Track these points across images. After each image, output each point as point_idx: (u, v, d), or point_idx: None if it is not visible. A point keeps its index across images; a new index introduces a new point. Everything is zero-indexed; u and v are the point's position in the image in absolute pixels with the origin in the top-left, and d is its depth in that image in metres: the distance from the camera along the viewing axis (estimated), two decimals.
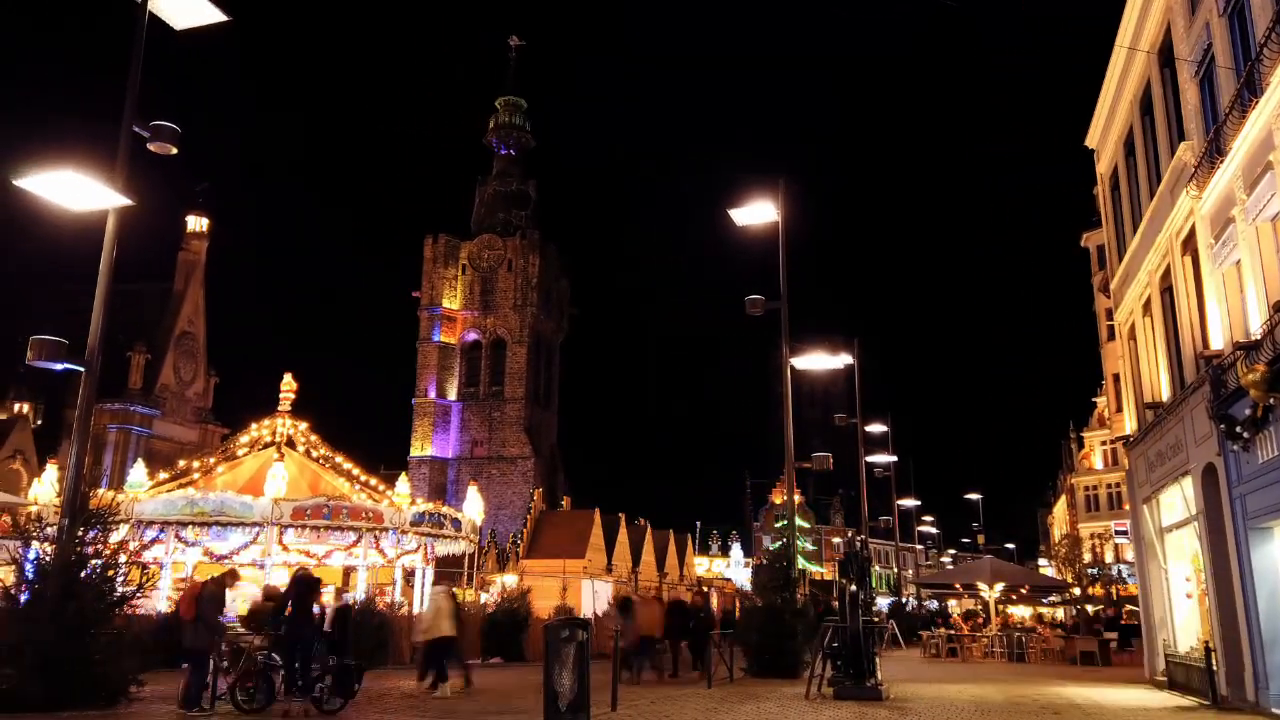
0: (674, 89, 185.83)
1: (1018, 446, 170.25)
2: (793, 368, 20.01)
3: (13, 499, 24.26)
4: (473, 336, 72.65)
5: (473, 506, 31.30)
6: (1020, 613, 42.16)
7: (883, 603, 51.65)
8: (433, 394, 70.83)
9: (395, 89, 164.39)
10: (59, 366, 12.84)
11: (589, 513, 49.63)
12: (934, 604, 42.56)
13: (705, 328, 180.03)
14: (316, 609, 12.61)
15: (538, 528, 49.08)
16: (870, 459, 34.01)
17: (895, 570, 57.81)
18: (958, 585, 36.72)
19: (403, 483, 29.20)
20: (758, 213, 19.03)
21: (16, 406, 56.85)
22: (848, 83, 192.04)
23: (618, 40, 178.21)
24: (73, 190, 12.12)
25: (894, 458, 36.56)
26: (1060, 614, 40.93)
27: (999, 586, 31.56)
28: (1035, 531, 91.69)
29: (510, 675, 19.47)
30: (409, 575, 29.82)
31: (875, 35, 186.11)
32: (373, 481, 29.80)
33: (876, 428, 34.43)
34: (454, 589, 20.29)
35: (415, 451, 69.60)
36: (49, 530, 12.29)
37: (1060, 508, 72.15)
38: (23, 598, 11.67)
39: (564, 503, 57.49)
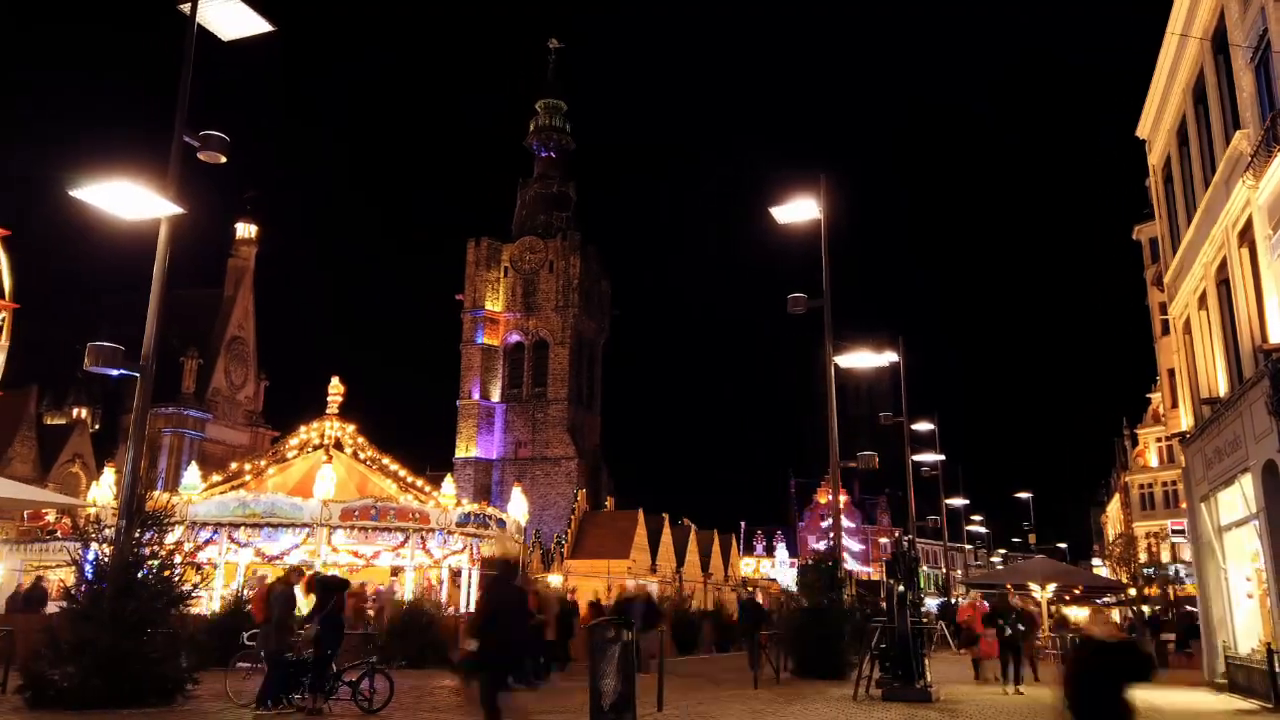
0: (713, 88, 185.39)
1: (1069, 444, 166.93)
2: (836, 366, 19.82)
3: (72, 501, 24.93)
4: (515, 338, 73.15)
5: (517, 507, 31.52)
6: (1074, 614, 41.29)
7: (931, 603, 50.99)
8: (477, 395, 71.44)
9: (436, 95, 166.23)
10: (115, 372, 13.15)
11: (633, 513, 49.76)
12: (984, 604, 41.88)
13: (747, 327, 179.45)
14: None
15: (582, 528, 49.30)
16: (917, 458, 33.52)
17: (944, 570, 57.01)
18: (1008, 586, 36.06)
19: (448, 484, 29.50)
20: (799, 210, 18.87)
21: (75, 411, 58.44)
22: (890, 76, 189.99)
23: (654, 39, 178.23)
24: (126, 200, 12.43)
25: (941, 456, 36.01)
26: (1115, 615, 40.05)
27: (1051, 587, 30.95)
28: (1088, 531, 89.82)
29: (556, 674, 19.53)
30: (455, 575, 30.10)
31: (918, 27, 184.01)
32: (419, 483, 30.15)
33: (923, 426, 33.95)
34: None
35: (460, 453, 70.25)
36: (107, 532, 12.58)
37: (1114, 507, 70.62)
38: (82, 598, 11.96)
39: (607, 503, 57.70)
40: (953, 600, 40.82)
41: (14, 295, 33.35)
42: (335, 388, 29.95)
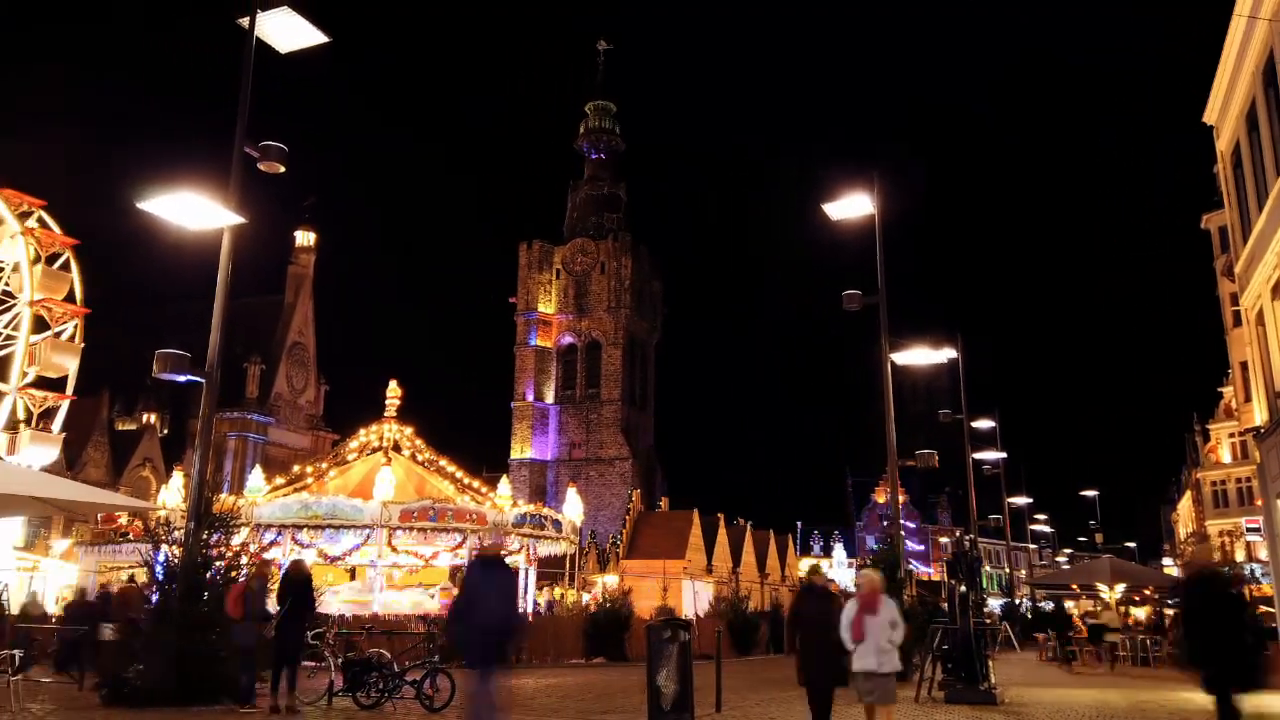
0: (763, 84, 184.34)
1: (1138, 441, 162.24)
2: (893, 363, 19.53)
3: (143, 505, 25.68)
4: (568, 340, 73.57)
5: (572, 508, 31.68)
6: (1144, 614, 40.17)
7: (994, 604, 50.03)
8: (530, 397, 72.01)
9: (486, 99, 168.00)
10: (182, 378, 13.53)
11: (688, 513, 49.64)
12: (1049, 605, 40.98)
13: (802, 324, 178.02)
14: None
15: (636, 528, 49.34)
16: (977, 456, 32.87)
17: (1007, 571, 55.89)
18: (1075, 586, 35.23)
19: (504, 485, 29.78)
20: (852, 206, 18.62)
21: (145, 417, 60.24)
22: (947, 65, 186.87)
23: (701, 38, 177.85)
24: (191, 211, 12.78)
25: (1003, 454, 35.27)
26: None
27: (1120, 587, 30.11)
28: (1158, 530, 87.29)
29: (614, 674, 19.59)
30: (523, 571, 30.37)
31: (977, 17, 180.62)
32: (475, 484, 30.49)
33: (984, 423, 33.29)
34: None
35: (515, 454, 70.88)
36: (176, 534, 12.93)
37: (1185, 504, 68.53)
38: (154, 598, 12.31)
39: (662, 503, 57.64)
40: (1017, 600, 40.00)
41: (84, 302, 34.56)
42: (393, 391, 30.43)
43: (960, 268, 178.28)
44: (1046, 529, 77.14)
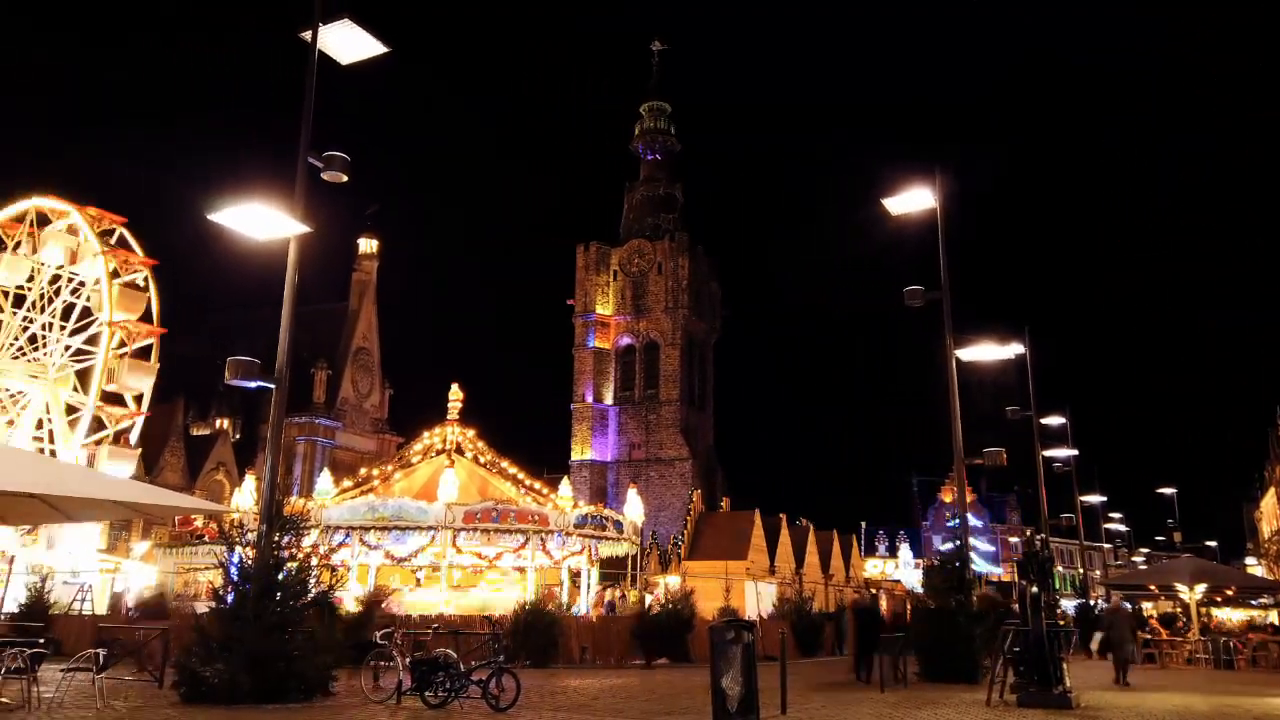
0: (818, 78, 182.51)
1: (1217, 436, 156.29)
2: (958, 360, 19.15)
3: (218, 508, 26.46)
4: (626, 341, 73.74)
5: (633, 508, 31.73)
6: (1226, 616, 38.75)
7: (1068, 605, 48.71)
8: (590, 398, 72.36)
9: (542, 103, 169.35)
10: (252, 384, 13.88)
11: (749, 514, 49.39)
12: (1126, 606, 39.79)
13: (864, 322, 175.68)
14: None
15: (698, 529, 49.23)
16: (1047, 453, 32.02)
17: (1081, 571, 54.41)
18: (1152, 587, 34.12)
19: (565, 486, 29.97)
20: (913, 200, 18.33)
21: (218, 422, 62.11)
22: (1011, 54, 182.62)
23: (756, 33, 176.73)
24: (258, 221, 13.12)
25: (1074, 451, 34.30)
26: (1275, 617, 37.33)
27: (1200, 588, 29.07)
28: (1240, 528, 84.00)
29: (676, 675, 19.55)
30: (575, 576, 30.53)
31: (1047, 7, 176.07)
32: (537, 485, 30.74)
33: (1054, 420, 32.42)
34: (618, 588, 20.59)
35: (575, 455, 71.28)
36: (249, 536, 13.26)
37: (1269, 501, 65.82)
38: (229, 598, 12.65)
39: (723, 504, 57.45)
40: (1091, 602, 38.87)
41: (161, 319, 35.74)
42: (455, 394, 30.87)
43: (1028, 261, 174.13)
44: (1122, 528, 74.81)
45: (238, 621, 12.13)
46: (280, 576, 12.60)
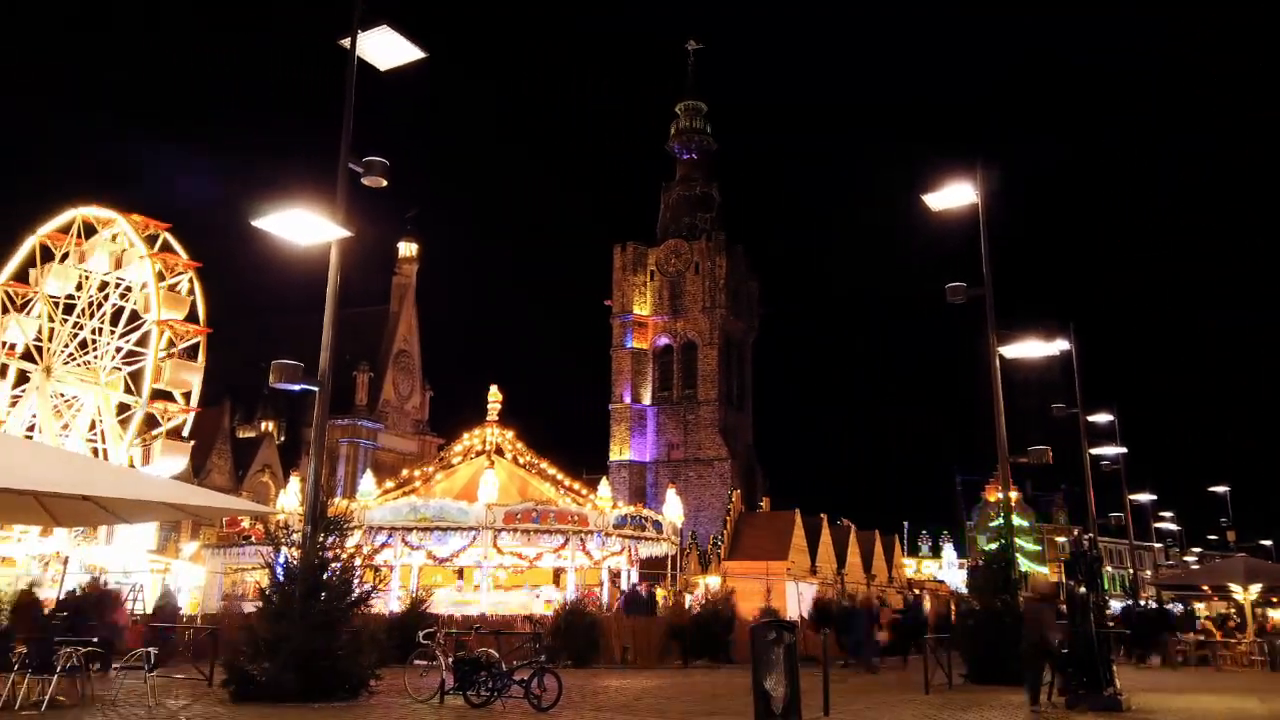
0: (855, 73, 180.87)
1: (1272, 433, 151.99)
2: (1001, 357, 18.86)
3: (264, 509, 26.92)
4: (664, 341, 73.72)
5: (672, 509, 31.71)
6: None
7: (1116, 606, 47.76)
8: (628, 399, 72.43)
9: (577, 103, 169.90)
10: (296, 387, 14.08)
11: (789, 513, 49.07)
12: (1178, 607, 38.91)
13: (905, 319, 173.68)
14: None
15: (738, 529, 49.02)
16: (1095, 451, 31.39)
17: (1130, 571, 53.33)
18: (1205, 587, 33.32)
19: (604, 486, 30.03)
20: (954, 195, 18.10)
21: (263, 425, 63.21)
22: (1054, 41, 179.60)
23: (791, 31, 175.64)
24: (300, 226, 13.32)
25: (1123, 449, 33.60)
26: None
27: (1255, 588, 28.30)
28: None
29: (718, 677, 19.49)
30: (615, 576, 30.58)
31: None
32: (576, 486, 30.85)
33: (1102, 417, 31.77)
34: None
35: (614, 455, 71.39)
36: (295, 537, 13.45)
37: None
38: (275, 598, 12.84)
39: (763, 504, 57.14)
40: (1141, 602, 38.08)
41: (205, 319, 36.47)
42: (494, 395, 31.09)
43: (1075, 255, 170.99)
44: (1173, 527, 73.19)
45: (284, 621, 12.31)
46: (325, 577, 12.77)
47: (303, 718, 11.04)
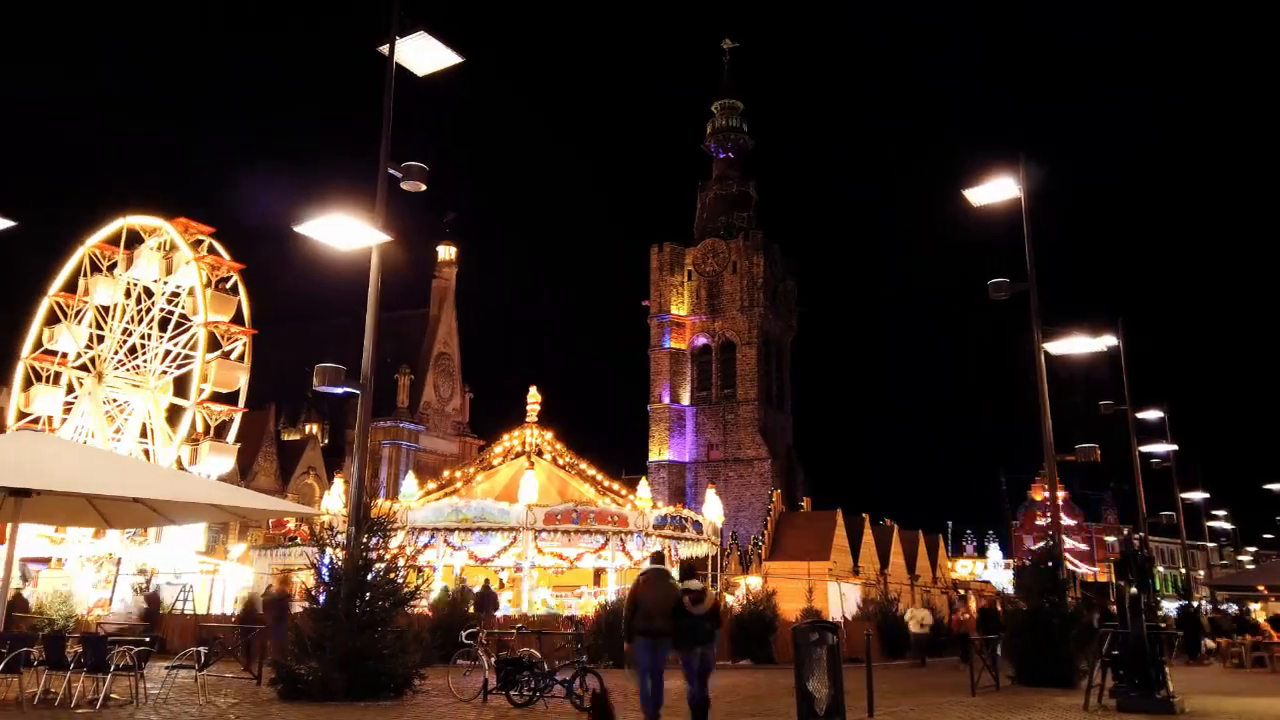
0: (892, 68, 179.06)
1: None
2: (1046, 353, 18.53)
3: (309, 510, 27.33)
4: (702, 341, 73.56)
5: (712, 509, 31.62)
6: None
7: (1170, 606, 46.75)
8: (666, 399, 72.39)
9: (612, 104, 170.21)
10: (339, 391, 14.24)
11: (831, 514, 48.73)
12: (1232, 608, 37.96)
13: (946, 316, 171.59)
14: None
15: (778, 529, 48.78)
16: (1145, 449, 30.71)
17: (1183, 571, 52.10)
18: (1261, 587, 32.48)
19: (644, 487, 30.06)
20: (996, 190, 17.83)
21: (307, 427, 64.14)
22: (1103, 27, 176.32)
23: (827, 26, 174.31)
24: (341, 232, 13.48)
25: (1174, 446, 32.83)
26: None
27: None
28: None
29: (761, 677, 19.39)
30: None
31: None
32: (615, 486, 30.90)
33: (1152, 414, 31.07)
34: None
35: (653, 456, 71.38)
36: (339, 538, 13.61)
37: None
38: (321, 598, 13.01)
39: (804, 504, 56.80)
40: (1195, 603, 37.20)
41: (250, 322, 37.16)
42: (533, 397, 31.25)
43: (1119, 248, 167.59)
44: (1226, 526, 71.45)
45: (330, 621, 12.45)
46: (369, 577, 12.89)
47: (349, 716, 11.16)
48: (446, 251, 72.92)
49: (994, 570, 69.13)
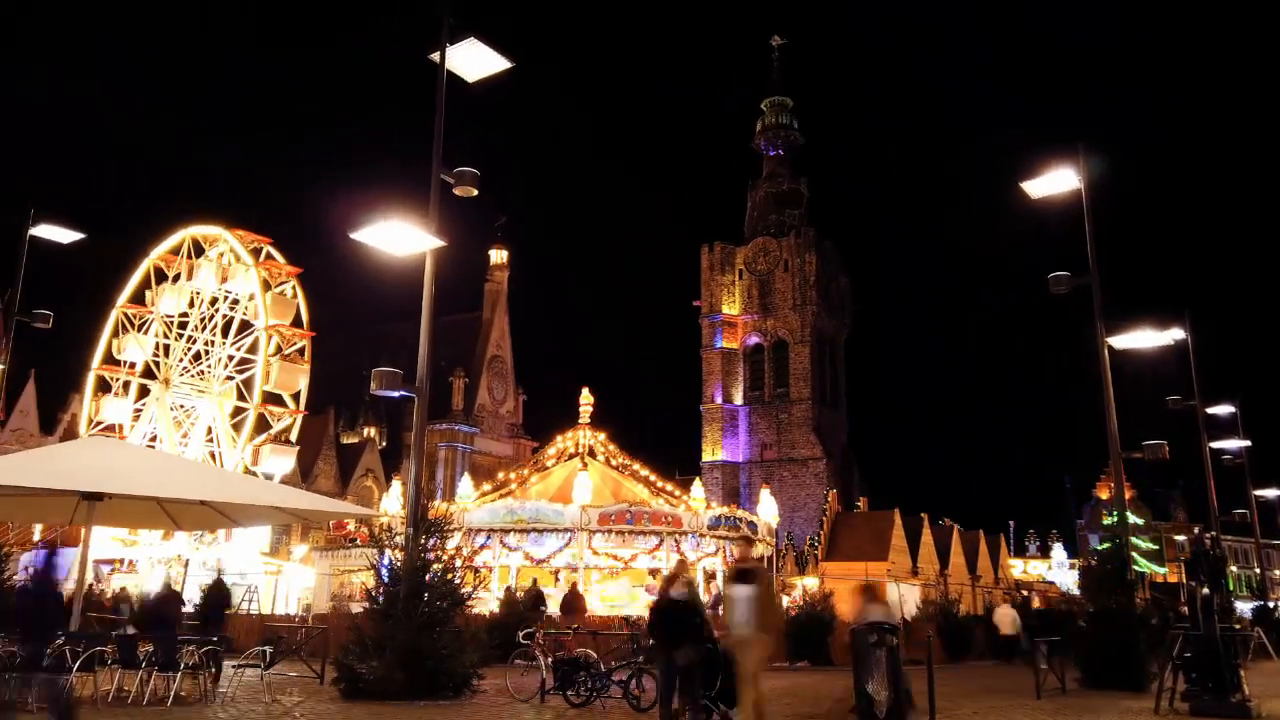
0: (943, 62, 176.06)
1: None
2: (1111, 348, 18.04)
3: (368, 512, 27.78)
4: (754, 340, 73.17)
5: (766, 509, 31.42)
6: None
7: (1244, 607, 45.18)
8: (719, 399, 72.16)
9: (662, 104, 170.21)
10: (396, 394, 14.46)
11: (888, 513, 48.13)
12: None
13: (1006, 311, 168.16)
14: None
15: (835, 530, 48.31)
16: (1215, 445, 29.71)
17: (1258, 571, 50.35)
18: None
19: (697, 487, 29.97)
20: (1055, 182, 17.41)
21: (366, 431, 65.31)
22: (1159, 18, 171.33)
23: (877, 20, 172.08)
24: (396, 237, 13.68)
25: (1247, 442, 31.70)
26: None
27: None
28: None
29: (819, 678, 19.19)
30: (710, 578, 30.44)
31: None
32: (668, 487, 30.87)
33: (1223, 409, 30.05)
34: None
35: (706, 456, 71.21)
36: (398, 539, 13.81)
37: None
38: (381, 599, 13.21)
39: (860, 504, 56.20)
40: (1271, 603, 35.91)
41: (309, 326, 38.04)
42: (586, 398, 31.38)
43: (1187, 239, 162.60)
44: None
45: (390, 621, 12.64)
46: (427, 578, 13.06)
47: (410, 715, 11.32)
48: (498, 255, 73.66)
49: (1058, 571, 67.55)
